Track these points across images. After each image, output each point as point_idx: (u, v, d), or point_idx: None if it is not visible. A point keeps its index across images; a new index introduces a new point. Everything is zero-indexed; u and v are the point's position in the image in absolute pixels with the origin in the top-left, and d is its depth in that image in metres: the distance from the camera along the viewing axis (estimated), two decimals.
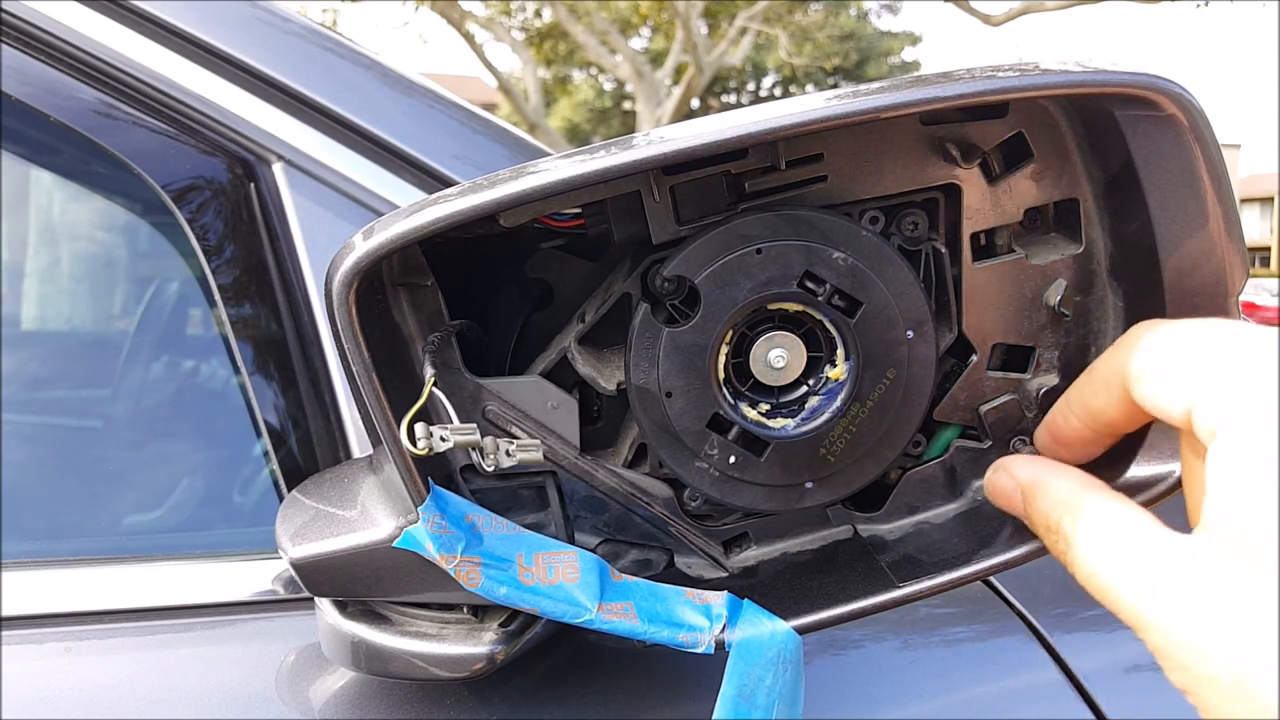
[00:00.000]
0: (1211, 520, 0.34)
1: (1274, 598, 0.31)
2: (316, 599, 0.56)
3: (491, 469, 0.48)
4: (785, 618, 0.49)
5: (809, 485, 0.52)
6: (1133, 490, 0.48)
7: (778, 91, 26.46)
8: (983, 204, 0.52)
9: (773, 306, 0.50)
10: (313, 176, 0.73)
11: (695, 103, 16.17)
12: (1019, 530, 0.49)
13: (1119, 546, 0.37)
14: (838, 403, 0.50)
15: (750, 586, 0.54)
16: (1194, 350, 0.37)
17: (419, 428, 0.44)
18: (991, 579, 0.73)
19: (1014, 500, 0.47)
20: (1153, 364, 0.39)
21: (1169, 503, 0.47)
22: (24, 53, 0.71)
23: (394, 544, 0.47)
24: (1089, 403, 0.43)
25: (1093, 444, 0.46)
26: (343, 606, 0.55)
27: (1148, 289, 0.50)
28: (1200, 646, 0.32)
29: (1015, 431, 0.54)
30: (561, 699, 0.60)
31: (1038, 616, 0.70)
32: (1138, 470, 0.49)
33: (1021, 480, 0.46)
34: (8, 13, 0.71)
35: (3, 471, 0.84)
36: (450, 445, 0.45)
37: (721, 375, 0.51)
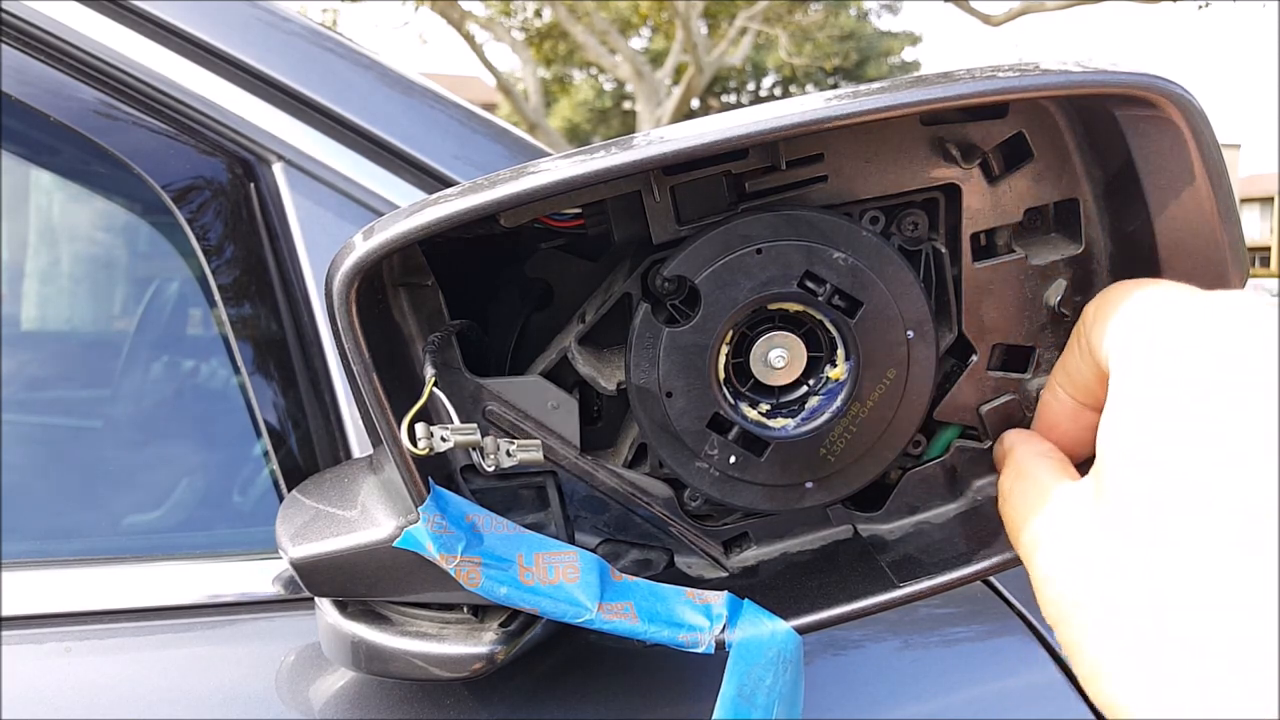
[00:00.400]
0: (1096, 464, 0.35)
1: (1117, 540, 0.32)
2: (316, 599, 0.56)
3: (492, 469, 0.48)
4: (785, 618, 0.49)
5: (809, 485, 0.52)
6: None
7: (778, 91, 26.44)
8: (983, 204, 0.52)
9: (773, 306, 0.50)
10: (313, 176, 0.73)
11: (695, 103, 16.17)
12: None
13: (1020, 498, 0.42)
14: (838, 403, 0.50)
15: (750, 586, 0.54)
16: (1117, 305, 0.39)
17: (419, 428, 0.44)
18: (991, 579, 0.73)
19: None
20: (1094, 315, 0.41)
21: None
22: (24, 53, 0.71)
23: (394, 544, 0.47)
24: (1066, 362, 0.44)
25: (1080, 423, 0.45)
26: (343, 606, 0.55)
27: None
28: (1058, 582, 0.35)
29: None
30: (561, 699, 0.60)
31: (1038, 616, 0.70)
32: None
33: (1005, 448, 0.48)
34: (8, 13, 0.71)
35: (3, 471, 0.84)
36: (451, 445, 0.45)
37: (722, 375, 0.51)
